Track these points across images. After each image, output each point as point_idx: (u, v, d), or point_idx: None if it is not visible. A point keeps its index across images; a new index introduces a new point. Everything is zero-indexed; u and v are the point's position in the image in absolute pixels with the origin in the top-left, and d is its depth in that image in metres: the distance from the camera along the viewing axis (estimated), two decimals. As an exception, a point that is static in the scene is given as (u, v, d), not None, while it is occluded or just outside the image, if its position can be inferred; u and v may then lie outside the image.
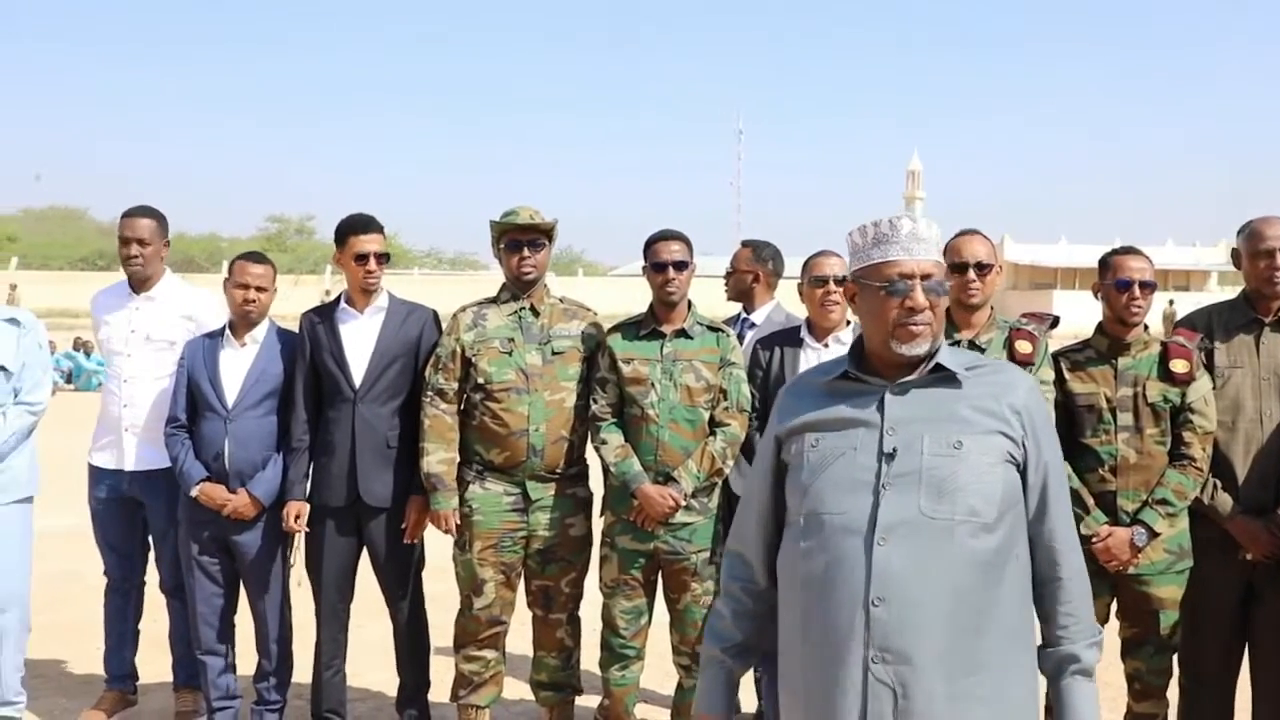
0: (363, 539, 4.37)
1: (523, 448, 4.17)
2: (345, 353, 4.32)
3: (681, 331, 4.20)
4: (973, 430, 2.13)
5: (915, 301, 2.15)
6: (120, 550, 4.75)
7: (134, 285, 4.71)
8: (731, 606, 2.39)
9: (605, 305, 4.71)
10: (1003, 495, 2.11)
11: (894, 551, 2.05)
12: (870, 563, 2.05)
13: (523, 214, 4.26)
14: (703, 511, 4.17)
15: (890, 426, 2.14)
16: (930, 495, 2.08)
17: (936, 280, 2.18)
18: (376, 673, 5.10)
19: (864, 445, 2.15)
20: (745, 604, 2.37)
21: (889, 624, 2.03)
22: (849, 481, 2.13)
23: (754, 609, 2.36)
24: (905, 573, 2.04)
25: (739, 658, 2.40)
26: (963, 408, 2.16)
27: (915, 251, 2.18)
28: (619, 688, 4.29)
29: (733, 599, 2.39)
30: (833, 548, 2.10)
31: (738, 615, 2.38)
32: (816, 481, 2.16)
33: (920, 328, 2.16)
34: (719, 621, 2.41)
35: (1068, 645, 2.19)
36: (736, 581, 2.38)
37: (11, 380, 4.48)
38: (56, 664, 5.39)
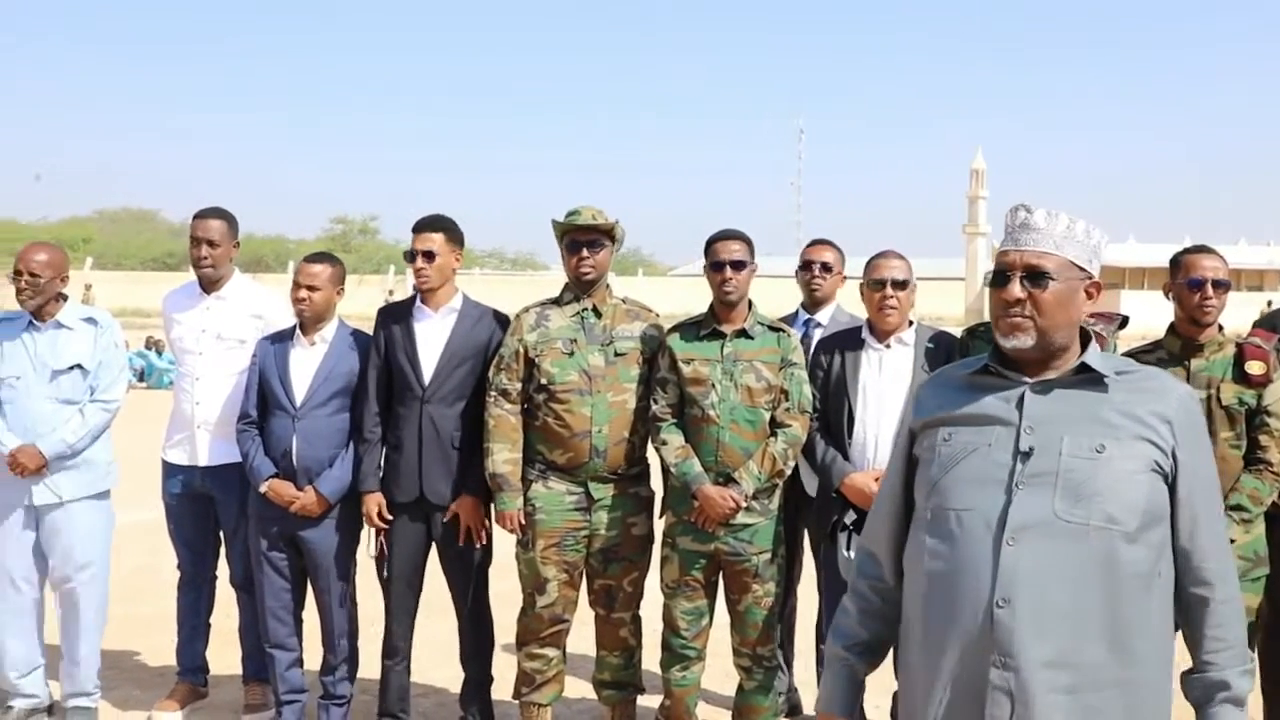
0: (431, 536, 4.42)
1: (585, 449, 4.19)
2: (417, 351, 4.37)
3: (742, 332, 4.19)
4: (1117, 435, 2.04)
5: (1007, 293, 2.09)
6: (192, 545, 4.85)
7: (204, 285, 4.80)
8: (858, 604, 2.32)
9: (664, 305, 4.72)
10: (1146, 506, 2.01)
11: (1023, 553, 1.98)
12: (998, 563, 1.98)
13: (584, 214, 4.27)
14: (764, 513, 4.15)
15: (1028, 425, 2.07)
16: (1066, 498, 2.00)
17: (1041, 272, 2.09)
18: (440, 669, 5.15)
19: (999, 442, 2.08)
20: (873, 602, 2.30)
21: (1012, 627, 1.96)
22: (980, 478, 2.06)
23: (881, 608, 2.29)
24: (1034, 576, 1.97)
25: (864, 657, 2.32)
26: (1107, 411, 2.07)
27: (1022, 242, 2.12)
28: (680, 688, 4.29)
29: (860, 597, 2.32)
30: (959, 545, 2.04)
31: (864, 614, 2.31)
32: (946, 476, 2.10)
33: (1016, 320, 2.09)
34: (844, 619, 2.34)
35: (1217, 671, 2.07)
36: (865, 579, 2.32)
37: (89, 378, 4.61)
38: (131, 656, 5.51)
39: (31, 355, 4.56)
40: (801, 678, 4.88)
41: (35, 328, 4.58)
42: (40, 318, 4.59)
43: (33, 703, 4.69)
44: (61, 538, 4.57)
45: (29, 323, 4.59)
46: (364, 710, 4.67)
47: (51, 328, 4.59)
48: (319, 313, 4.48)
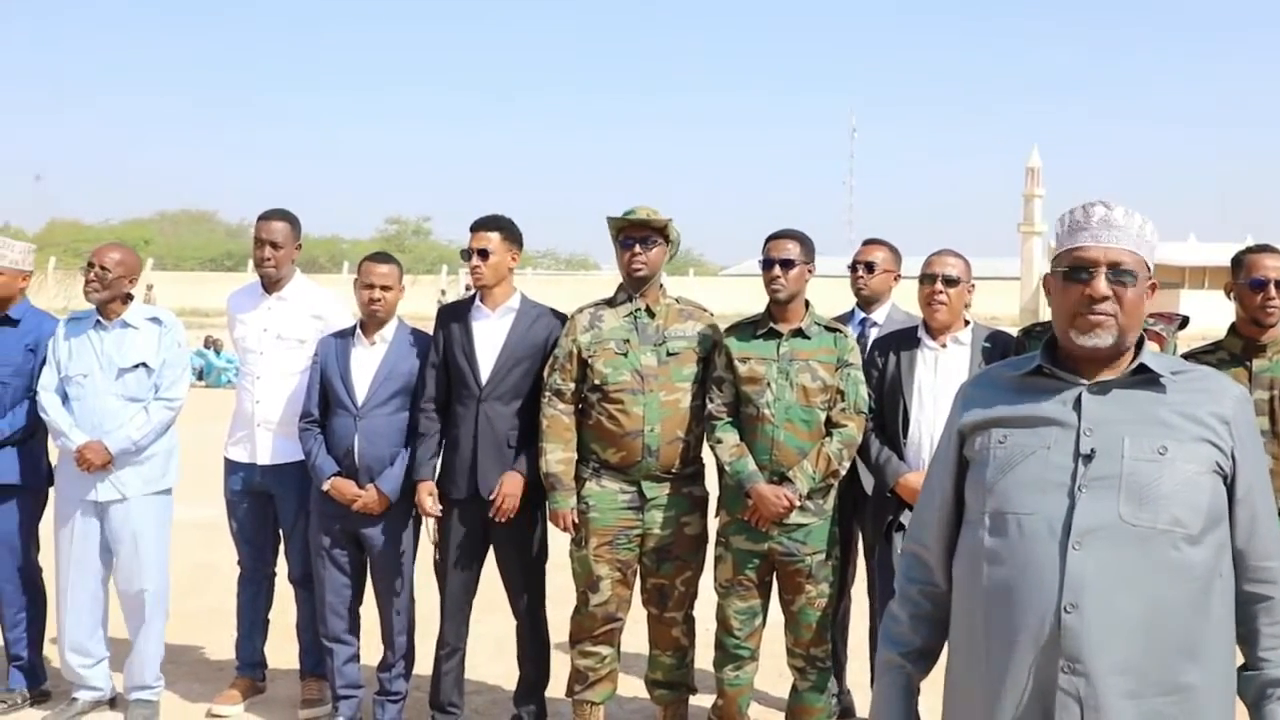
0: (487, 534, 4.46)
1: (638, 448, 4.21)
2: (475, 350, 4.41)
3: (798, 331, 4.18)
4: (1178, 436, 2.01)
5: (1094, 289, 2.04)
6: (252, 541, 4.92)
7: (266, 286, 4.87)
8: (909, 610, 2.28)
9: (715, 305, 4.70)
10: (1209, 507, 1.99)
11: (1090, 557, 1.95)
12: (1064, 567, 1.96)
13: (639, 211, 4.29)
14: (818, 513, 4.14)
15: (1088, 427, 2.03)
16: (1131, 501, 1.97)
17: (1125, 269, 2.06)
18: (493, 666, 5.19)
19: (1058, 444, 2.04)
20: (924, 607, 2.26)
21: (1080, 633, 1.93)
22: (1040, 481, 2.03)
23: (933, 612, 2.25)
24: (1101, 580, 1.94)
25: (918, 663, 2.28)
26: (1166, 412, 2.04)
27: (1104, 238, 2.07)
28: (733, 688, 4.29)
29: (910, 602, 2.28)
30: (1022, 549, 2.01)
31: (916, 619, 2.27)
32: (1003, 479, 2.07)
33: (1100, 318, 2.05)
34: (895, 626, 2.30)
35: (1273, 669, 2.05)
36: (914, 584, 2.27)
37: (153, 376, 4.70)
38: (192, 650, 5.60)
39: (98, 354, 4.66)
40: (855, 679, 4.86)
41: (102, 327, 4.69)
42: (107, 317, 4.69)
43: (96, 694, 4.79)
44: (125, 533, 4.66)
45: (96, 322, 4.70)
46: (418, 706, 4.71)
47: (118, 327, 4.69)
48: (391, 312, 4.54)
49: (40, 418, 4.69)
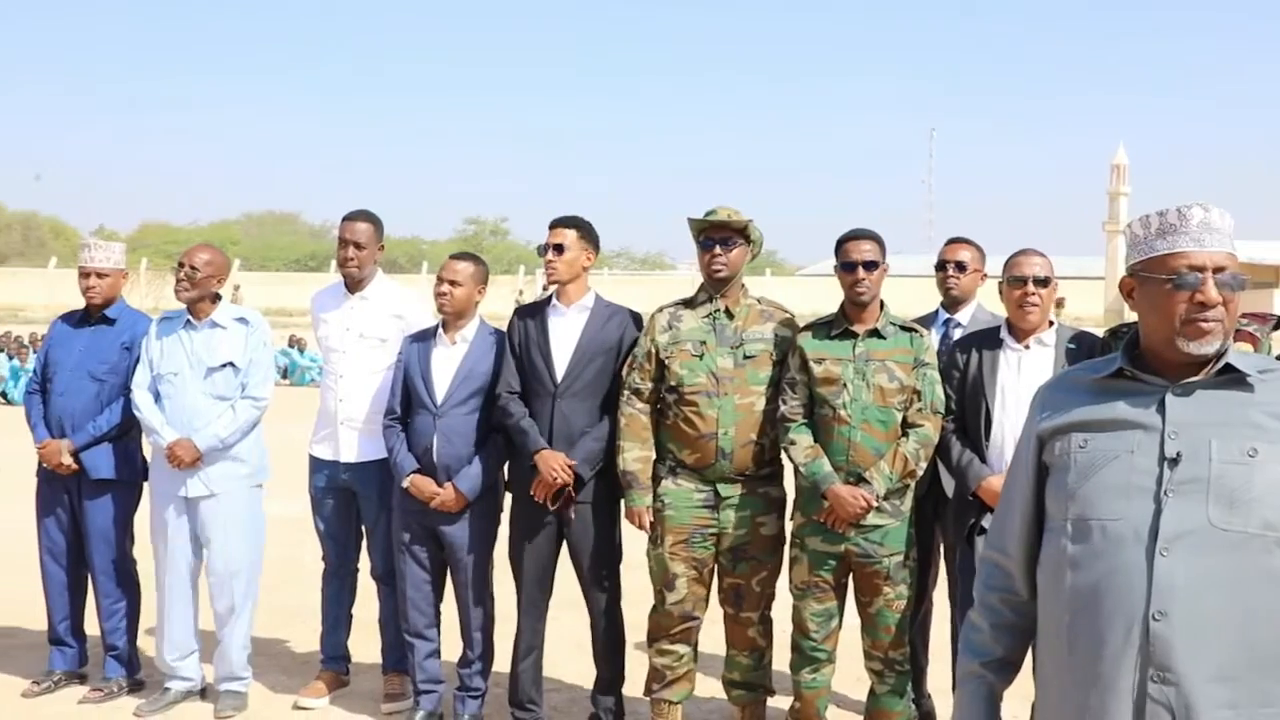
0: (562, 532, 4.49)
1: (712, 450, 4.20)
2: (550, 348, 4.45)
3: (874, 331, 4.15)
4: (1269, 438, 1.96)
5: (1207, 295, 1.99)
6: (336, 538, 5.01)
7: (349, 286, 4.95)
8: (990, 619, 2.24)
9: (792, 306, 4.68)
10: None
11: (1178, 563, 1.91)
12: (1152, 574, 1.92)
13: (720, 212, 4.28)
14: (895, 514, 4.11)
15: (1172, 430, 1.99)
16: (1221, 505, 1.93)
17: (1230, 274, 2.01)
18: (572, 664, 5.22)
19: (1142, 448, 2.00)
20: (1005, 616, 2.22)
21: (1171, 641, 1.89)
22: (1124, 486, 1.99)
23: (1015, 621, 2.21)
24: (1191, 587, 1.90)
25: (1000, 673, 2.24)
26: (1256, 413, 1.98)
27: (1206, 243, 2.02)
28: (810, 690, 4.27)
29: (991, 610, 2.24)
30: (1107, 556, 1.97)
31: (997, 628, 2.23)
32: (1086, 485, 2.03)
33: (1211, 324, 2.00)
34: (976, 635, 2.26)
35: None
36: (995, 592, 2.24)
37: (240, 375, 4.82)
38: (278, 643, 5.71)
39: (188, 353, 4.79)
40: (936, 684, 4.80)
41: (192, 326, 4.82)
42: (196, 317, 4.82)
43: (188, 685, 4.92)
44: (214, 529, 4.79)
45: (186, 321, 4.83)
46: (498, 702, 4.76)
47: (207, 326, 4.81)
48: (459, 308, 4.59)
49: (134, 415, 4.84)
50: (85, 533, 4.95)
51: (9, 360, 16.56)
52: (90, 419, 4.87)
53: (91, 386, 4.91)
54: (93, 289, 4.95)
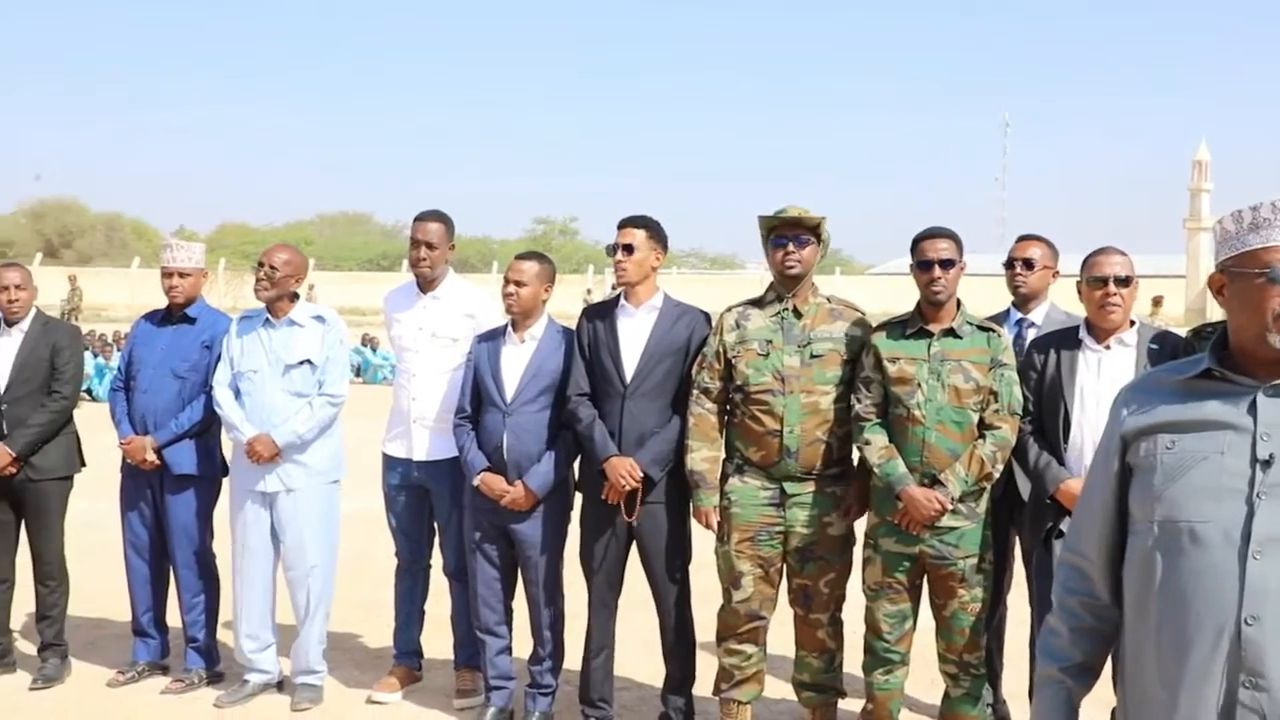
0: (632, 531, 4.50)
1: (777, 447, 4.19)
2: (619, 348, 4.46)
3: (950, 331, 4.10)
4: None
5: None
6: (409, 534, 5.06)
7: (421, 285, 5.00)
8: (1069, 623, 2.19)
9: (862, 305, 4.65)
10: None
11: (1271, 566, 1.87)
12: (1244, 578, 1.87)
13: (791, 210, 4.27)
14: (970, 516, 4.06)
15: (1265, 431, 1.94)
16: None
17: None
18: (642, 663, 5.22)
19: (1233, 449, 1.95)
20: (1085, 620, 2.18)
21: (1264, 646, 1.85)
22: (1214, 488, 1.95)
23: (1095, 626, 2.17)
24: None
25: (1080, 678, 2.19)
26: None
27: None
28: (883, 693, 4.23)
29: (1070, 614, 2.19)
30: (1196, 559, 1.93)
31: (1076, 632, 2.18)
32: (1173, 487, 1.98)
33: None
34: (1055, 639, 2.22)
35: None
36: (1074, 595, 2.19)
37: (316, 373, 4.89)
38: (351, 638, 5.79)
39: (267, 350, 4.88)
40: (1010, 689, 4.73)
41: (271, 325, 4.91)
42: (275, 315, 4.91)
43: (265, 678, 5.01)
44: (291, 524, 4.87)
45: (265, 320, 4.92)
46: (568, 700, 4.78)
47: (285, 325, 4.90)
48: (526, 308, 4.61)
49: (215, 411, 4.94)
50: (167, 527, 5.07)
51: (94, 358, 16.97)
52: (172, 416, 4.98)
53: (173, 384, 5.03)
54: (175, 288, 5.07)
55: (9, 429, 5.01)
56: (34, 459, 5.03)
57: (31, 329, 5.12)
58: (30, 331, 5.11)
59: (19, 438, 4.98)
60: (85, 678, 5.20)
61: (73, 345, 5.23)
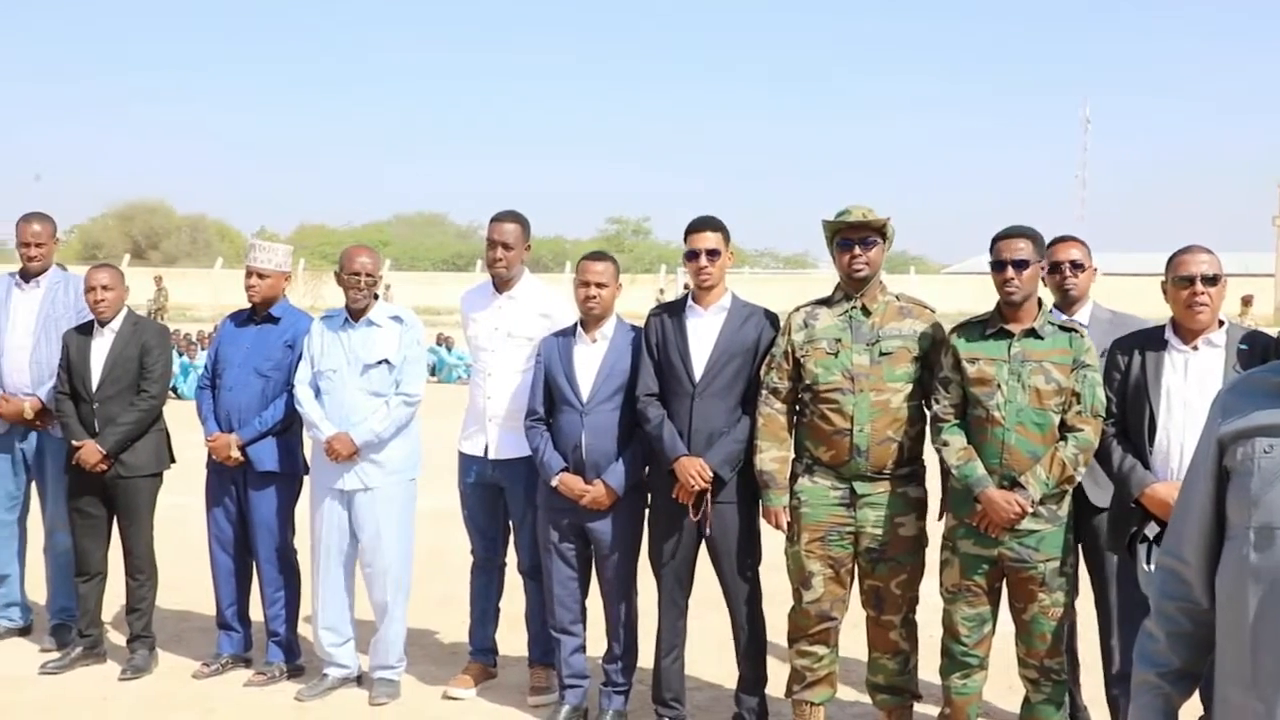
0: (701, 531, 4.48)
1: (847, 446, 4.17)
2: (689, 348, 4.46)
3: (1031, 331, 4.04)
4: None
5: None
6: (485, 532, 5.11)
7: (497, 285, 5.04)
8: (1166, 628, 2.15)
9: (937, 305, 4.59)
10: None
11: None
12: None
13: (855, 212, 4.24)
14: (1051, 520, 4.00)
15: None
16: None
17: None
18: (714, 663, 5.21)
19: None
20: (1182, 625, 2.14)
21: None
22: None
23: (1193, 631, 2.13)
24: None
25: (1178, 684, 2.16)
26: None
27: None
28: (960, 697, 4.18)
29: (1168, 619, 2.16)
30: None
31: (1174, 638, 2.15)
32: (1271, 492, 1.94)
33: None
34: (1151, 644, 2.18)
35: None
36: (1171, 600, 2.15)
37: (394, 372, 4.96)
38: (428, 634, 5.86)
39: (346, 350, 4.96)
40: (1089, 695, 4.63)
41: (350, 325, 4.99)
42: (355, 316, 4.99)
43: (344, 672, 5.10)
44: (369, 521, 4.95)
45: (345, 320, 5.01)
46: (641, 699, 4.80)
47: (364, 325, 4.98)
48: (608, 309, 4.65)
49: (296, 410, 5.03)
50: (250, 523, 5.19)
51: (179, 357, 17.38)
52: (256, 414, 5.09)
53: (257, 382, 5.14)
54: (253, 288, 5.18)
55: (100, 427, 5.16)
56: (124, 456, 5.18)
57: (122, 329, 5.27)
58: (121, 331, 5.26)
59: (109, 435, 5.13)
60: (172, 669, 5.33)
61: (161, 345, 5.37)
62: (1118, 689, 4.23)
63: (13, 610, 5.71)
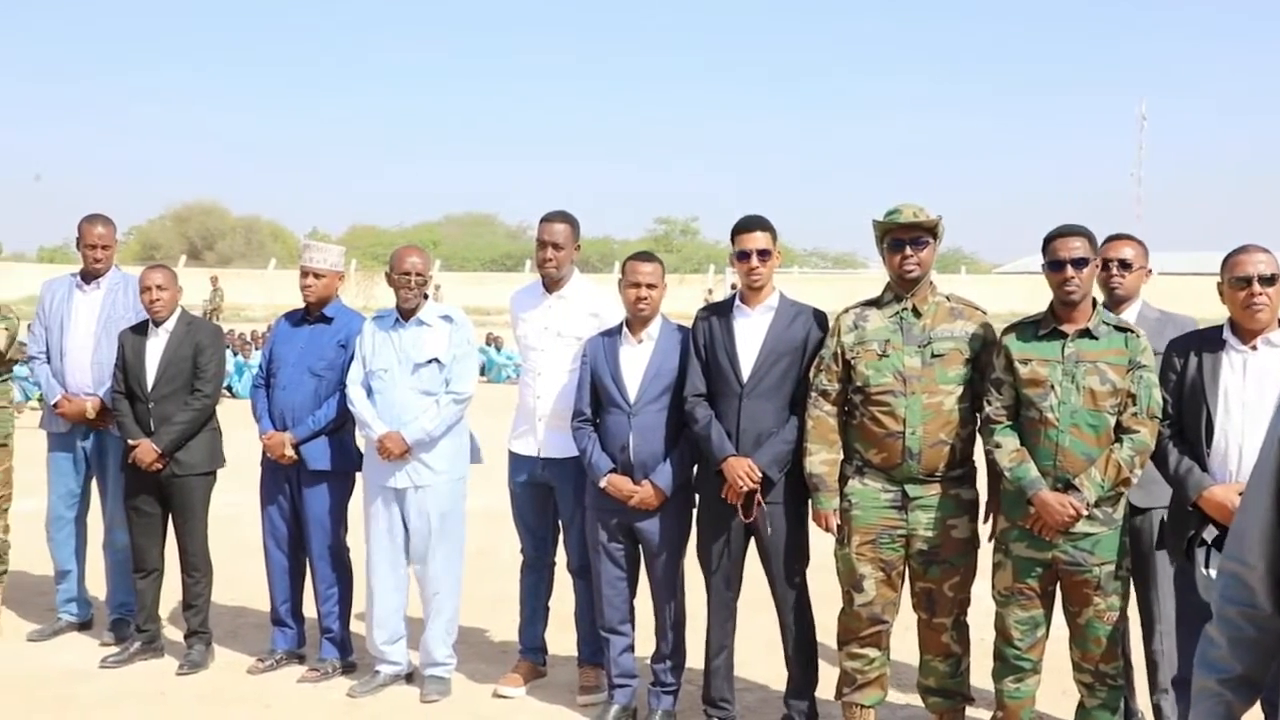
0: (748, 531, 4.48)
1: (899, 449, 4.14)
2: (736, 348, 4.46)
3: (1085, 331, 3.99)
4: None
5: None
6: (534, 531, 5.13)
7: (547, 285, 5.06)
8: (1228, 633, 2.12)
9: (989, 305, 4.54)
10: None
11: None
12: None
13: (905, 212, 4.20)
14: (1107, 522, 3.95)
15: None
16: None
17: None
18: (762, 664, 5.21)
19: None
20: (1245, 631, 2.10)
21: None
22: None
23: (1256, 637, 2.09)
24: None
25: (1240, 691, 2.12)
26: None
27: None
28: (1013, 701, 4.14)
29: (1230, 624, 2.12)
30: None
31: (1236, 643, 2.11)
32: None
33: None
34: (1213, 650, 2.14)
35: None
36: (1233, 605, 2.12)
37: (444, 371, 5.00)
38: (477, 632, 5.89)
39: (397, 349, 5.01)
40: (1141, 701, 4.57)
41: (401, 324, 5.04)
42: (405, 315, 5.03)
43: (396, 669, 5.15)
44: (420, 519, 4.99)
45: (396, 320, 5.05)
46: (690, 699, 4.79)
47: (414, 324, 5.02)
48: (655, 310, 4.66)
49: (349, 409, 5.09)
50: (304, 520, 5.25)
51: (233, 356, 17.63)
52: (309, 412, 5.16)
53: (311, 382, 5.20)
54: (309, 288, 5.25)
55: (156, 426, 5.25)
56: (179, 455, 5.27)
57: (176, 329, 5.35)
58: (175, 331, 5.35)
59: (164, 435, 5.22)
60: (227, 664, 5.42)
61: (214, 344, 5.45)
62: (1161, 695, 4.20)
63: (73, 605, 5.84)
